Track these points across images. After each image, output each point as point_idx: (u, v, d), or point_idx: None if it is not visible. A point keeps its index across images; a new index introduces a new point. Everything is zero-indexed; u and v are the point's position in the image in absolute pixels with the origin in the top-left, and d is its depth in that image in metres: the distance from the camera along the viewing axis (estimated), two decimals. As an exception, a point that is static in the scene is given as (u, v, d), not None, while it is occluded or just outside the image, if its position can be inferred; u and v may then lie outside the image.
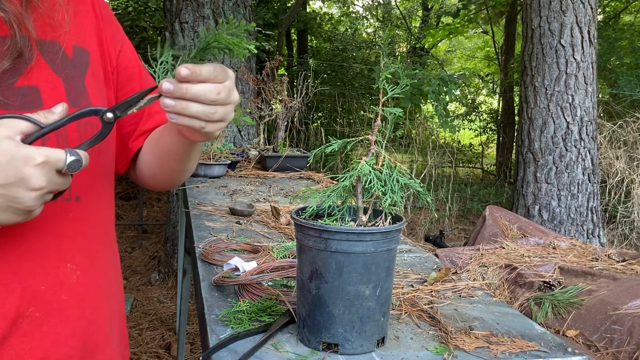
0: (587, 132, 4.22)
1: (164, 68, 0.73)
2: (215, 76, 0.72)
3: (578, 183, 4.22)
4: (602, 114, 5.52)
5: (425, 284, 1.29)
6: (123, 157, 1.00)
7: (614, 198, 4.84)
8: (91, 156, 0.84)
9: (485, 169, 9.94)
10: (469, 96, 11.53)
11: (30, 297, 0.78)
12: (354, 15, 13.75)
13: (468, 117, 10.88)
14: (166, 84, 0.71)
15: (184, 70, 0.70)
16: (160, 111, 1.01)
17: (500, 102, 10.43)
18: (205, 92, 0.72)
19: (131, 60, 0.98)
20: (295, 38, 11.49)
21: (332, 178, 2.64)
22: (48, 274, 0.79)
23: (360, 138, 0.96)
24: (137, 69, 0.98)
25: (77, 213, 0.83)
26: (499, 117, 10.38)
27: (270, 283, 1.22)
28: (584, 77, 4.18)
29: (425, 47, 12.47)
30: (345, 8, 13.40)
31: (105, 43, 0.92)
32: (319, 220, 0.95)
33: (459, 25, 10.38)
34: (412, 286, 1.27)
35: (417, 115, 7.43)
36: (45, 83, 0.80)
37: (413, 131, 7.60)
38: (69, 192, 0.81)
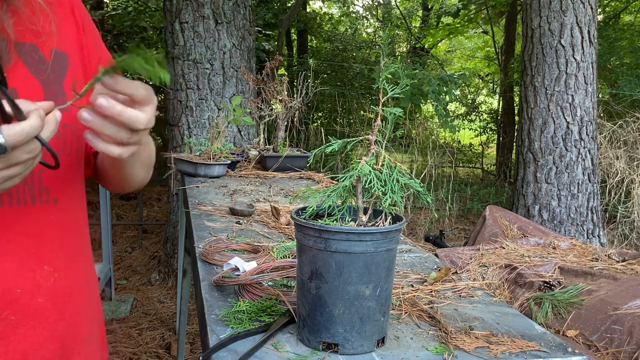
0: (587, 132, 4.22)
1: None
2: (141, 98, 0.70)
3: (578, 183, 4.22)
4: (602, 114, 5.52)
5: (425, 284, 1.29)
6: (87, 160, 0.99)
7: (614, 198, 4.84)
8: (68, 158, 0.83)
9: (485, 169, 9.94)
10: (469, 96, 11.52)
11: (6, 301, 0.77)
12: (354, 15, 13.75)
13: (468, 117, 10.87)
14: (87, 112, 0.68)
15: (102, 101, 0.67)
16: None
17: (500, 102, 10.43)
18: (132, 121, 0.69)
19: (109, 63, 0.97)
20: (295, 38, 11.50)
21: (332, 178, 2.64)
22: (25, 277, 0.79)
23: (360, 138, 0.96)
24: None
25: (55, 215, 0.82)
26: (499, 117, 10.38)
27: (270, 283, 1.22)
28: (584, 77, 4.18)
29: (425, 47, 12.47)
30: (345, 8, 13.40)
31: (85, 48, 0.91)
32: (319, 220, 0.95)
33: (459, 25, 10.38)
34: (412, 286, 1.27)
35: (417, 115, 7.43)
36: (23, 85, 0.79)
37: (413, 131, 7.60)
38: (47, 194, 0.81)
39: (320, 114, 9.49)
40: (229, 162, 2.69)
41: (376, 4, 13.87)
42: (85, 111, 0.68)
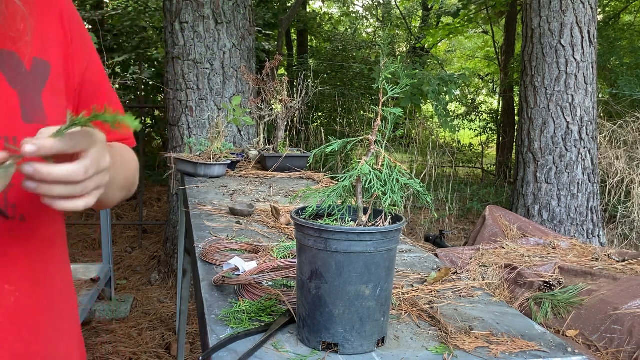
0: (587, 132, 4.22)
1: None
2: (72, 147, 0.65)
3: (578, 183, 4.22)
4: (602, 114, 5.52)
5: (425, 284, 1.29)
6: None
7: (614, 198, 4.84)
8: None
9: (485, 169, 9.94)
10: (469, 96, 11.52)
11: None
12: (354, 15, 13.75)
13: (468, 117, 10.87)
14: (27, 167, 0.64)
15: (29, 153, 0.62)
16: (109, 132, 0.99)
17: (500, 102, 10.43)
18: (71, 174, 0.65)
19: (97, 77, 0.94)
20: (295, 38, 11.50)
21: (332, 178, 2.64)
22: None
23: (360, 138, 0.96)
24: (105, 86, 0.95)
25: (20, 232, 0.79)
26: (499, 117, 10.38)
27: (270, 283, 1.22)
28: (584, 77, 4.18)
29: (425, 47, 12.47)
30: (345, 8, 13.40)
31: (70, 57, 0.88)
32: (319, 220, 0.95)
33: (459, 25, 10.37)
34: (412, 286, 1.27)
35: (417, 115, 7.43)
36: None
37: (413, 131, 7.60)
38: (13, 211, 0.78)
39: (320, 114, 9.49)
40: (229, 162, 2.69)
41: (376, 4, 13.87)
42: (29, 181, 0.66)
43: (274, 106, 3.04)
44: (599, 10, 8.84)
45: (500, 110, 10.46)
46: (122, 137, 1.00)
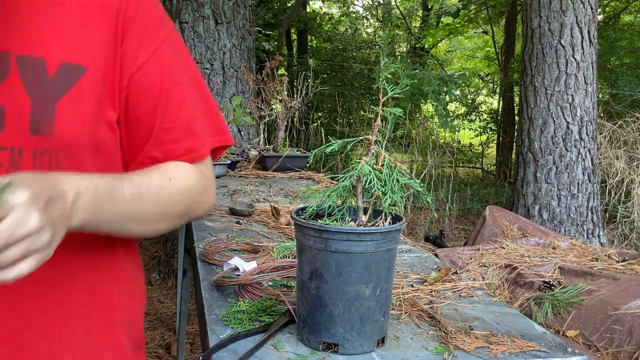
0: (587, 132, 4.22)
1: None
2: None
3: (578, 183, 4.22)
4: (602, 114, 5.51)
5: (425, 284, 1.29)
6: None
7: (614, 198, 4.84)
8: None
9: (485, 169, 9.93)
10: (469, 96, 11.52)
11: None
12: (354, 15, 13.75)
13: (468, 117, 10.87)
14: None
15: None
16: (176, 139, 0.84)
17: (500, 102, 10.43)
18: None
19: (153, 77, 0.82)
20: (295, 38, 11.50)
21: (332, 178, 2.65)
22: None
23: (360, 138, 0.96)
24: (157, 87, 0.82)
25: None
26: (499, 117, 10.38)
27: (270, 283, 1.22)
28: (584, 77, 4.18)
29: (425, 47, 12.47)
30: (345, 8, 13.40)
31: (117, 58, 0.79)
32: (319, 220, 0.95)
33: (459, 25, 10.38)
34: (412, 286, 1.27)
35: (417, 115, 7.43)
36: (13, 103, 0.72)
37: (413, 131, 7.59)
38: None
39: (320, 114, 9.49)
40: (229, 162, 2.69)
41: (376, 4, 13.87)
42: None
43: (274, 106, 3.04)
44: (599, 10, 8.83)
45: (500, 110, 10.46)
46: (186, 151, 0.85)
